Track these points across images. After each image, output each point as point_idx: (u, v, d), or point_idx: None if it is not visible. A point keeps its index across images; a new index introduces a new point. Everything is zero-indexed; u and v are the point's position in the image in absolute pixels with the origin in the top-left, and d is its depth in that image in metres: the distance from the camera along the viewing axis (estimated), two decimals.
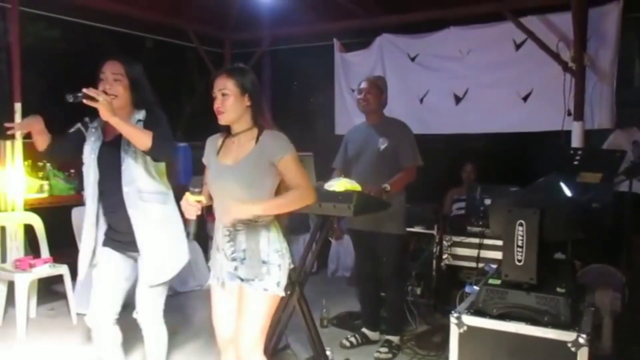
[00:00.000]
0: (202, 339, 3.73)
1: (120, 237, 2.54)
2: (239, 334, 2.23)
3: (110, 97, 2.33)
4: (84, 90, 2.25)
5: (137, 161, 2.46)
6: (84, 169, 2.53)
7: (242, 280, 2.21)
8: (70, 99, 2.27)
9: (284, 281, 2.23)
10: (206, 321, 4.19)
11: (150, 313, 2.61)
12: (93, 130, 2.56)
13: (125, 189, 2.46)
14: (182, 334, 3.84)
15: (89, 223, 2.56)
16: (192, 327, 3.97)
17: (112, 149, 2.47)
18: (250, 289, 2.19)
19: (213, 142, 2.33)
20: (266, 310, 2.21)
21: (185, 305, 4.47)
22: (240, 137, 2.23)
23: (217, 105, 2.18)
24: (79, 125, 2.59)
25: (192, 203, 2.17)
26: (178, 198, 2.41)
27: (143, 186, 2.49)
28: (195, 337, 3.78)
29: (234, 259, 2.21)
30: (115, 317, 2.58)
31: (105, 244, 2.57)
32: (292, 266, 2.31)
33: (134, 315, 2.61)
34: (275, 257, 2.20)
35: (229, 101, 2.16)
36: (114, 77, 2.43)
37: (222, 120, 2.20)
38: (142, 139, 2.31)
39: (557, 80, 4.42)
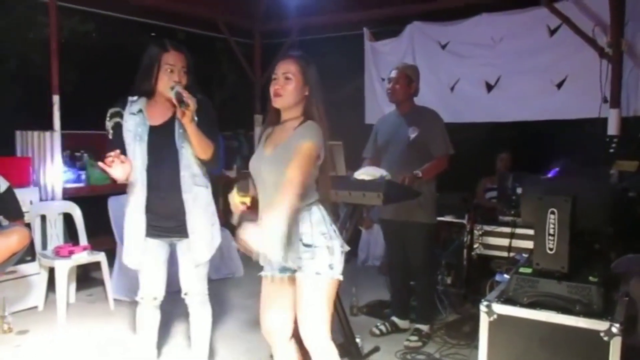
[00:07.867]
0: (234, 325, 3.81)
1: (165, 222, 2.55)
2: (300, 324, 2.19)
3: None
4: (185, 97, 2.32)
5: (190, 145, 2.48)
6: (129, 155, 2.44)
7: (292, 271, 2.17)
8: (176, 88, 2.38)
9: (338, 264, 2.13)
10: (238, 308, 4.25)
11: (199, 293, 2.68)
12: (132, 114, 2.51)
13: (182, 173, 2.50)
14: (214, 320, 3.92)
15: (138, 211, 2.53)
16: (225, 313, 4.03)
17: (164, 133, 2.47)
18: (301, 275, 2.13)
19: (265, 133, 2.27)
20: (323, 295, 2.13)
21: (217, 293, 4.53)
22: (286, 125, 2.17)
23: (277, 86, 2.12)
24: (117, 119, 2.54)
25: (238, 204, 2.18)
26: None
27: (196, 170, 2.56)
28: (228, 323, 3.86)
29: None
30: (162, 300, 2.68)
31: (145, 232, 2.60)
32: (345, 248, 2.19)
33: (183, 296, 2.68)
34: (321, 239, 2.11)
35: (291, 86, 2.12)
36: (184, 69, 2.51)
37: (277, 103, 2.14)
38: (205, 149, 2.43)
39: (592, 66, 4.33)
